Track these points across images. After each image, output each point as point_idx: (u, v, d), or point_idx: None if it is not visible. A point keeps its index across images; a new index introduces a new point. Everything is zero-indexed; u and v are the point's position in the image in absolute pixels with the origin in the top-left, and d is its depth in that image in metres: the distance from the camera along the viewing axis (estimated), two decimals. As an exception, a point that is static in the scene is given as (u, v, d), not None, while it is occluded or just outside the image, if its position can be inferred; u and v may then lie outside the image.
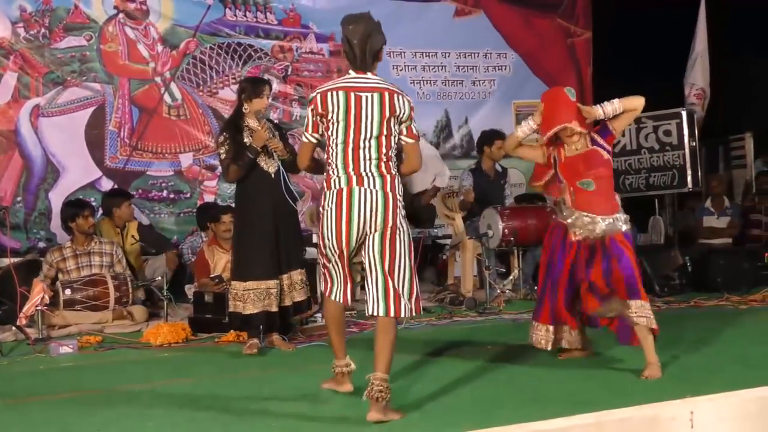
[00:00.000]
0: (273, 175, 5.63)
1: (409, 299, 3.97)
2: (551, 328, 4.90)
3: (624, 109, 4.82)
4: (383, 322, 3.95)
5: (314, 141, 4.14)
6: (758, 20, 10.37)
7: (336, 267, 4.12)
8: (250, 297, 5.58)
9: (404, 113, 4.03)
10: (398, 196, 4.02)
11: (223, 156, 5.68)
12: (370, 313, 3.99)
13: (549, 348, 4.92)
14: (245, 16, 9.51)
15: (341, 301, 4.18)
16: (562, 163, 4.87)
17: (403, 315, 3.96)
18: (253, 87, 5.70)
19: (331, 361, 4.59)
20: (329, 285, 4.19)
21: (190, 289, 7.83)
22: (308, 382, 4.70)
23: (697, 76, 10.47)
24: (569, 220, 4.79)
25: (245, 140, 5.61)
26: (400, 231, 3.99)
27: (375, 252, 3.97)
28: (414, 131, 4.10)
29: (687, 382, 4.35)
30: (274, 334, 5.82)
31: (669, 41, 10.43)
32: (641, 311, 4.59)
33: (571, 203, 4.79)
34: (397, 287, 3.94)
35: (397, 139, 4.06)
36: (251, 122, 5.66)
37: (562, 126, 4.74)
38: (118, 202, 7.92)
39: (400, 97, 4.04)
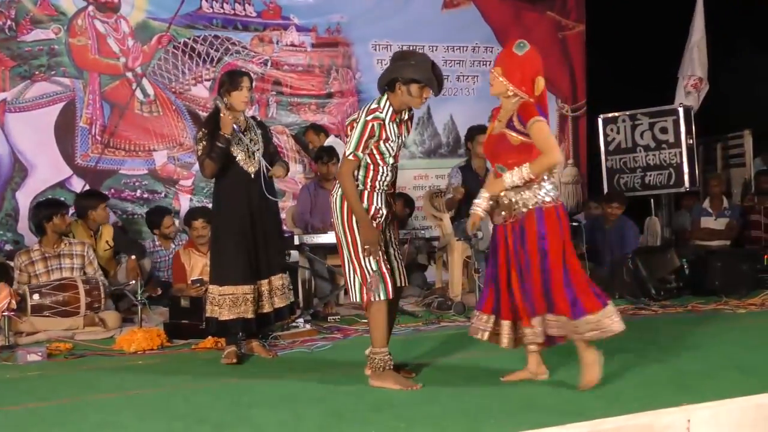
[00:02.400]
0: (252, 176, 5.61)
1: (355, 289, 4.79)
2: (491, 318, 4.68)
3: (532, 177, 4.44)
4: None
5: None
6: (757, 15, 10.45)
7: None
8: (226, 302, 5.55)
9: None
10: (338, 202, 4.77)
11: (200, 153, 5.63)
12: None
13: (484, 339, 4.72)
14: (222, 8, 9.52)
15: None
16: (485, 141, 4.76)
17: (354, 300, 4.89)
18: (231, 80, 5.62)
19: (310, 370, 4.71)
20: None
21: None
22: (289, 390, 4.71)
23: (695, 66, 10.53)
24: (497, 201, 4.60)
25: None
26: (340, 232, 4.79)
27: None
28: (345, 149, 4.78)
29: (684, 389, 4.38)
30: (254, 340, 5.82)
31: (665, 35, 10.49)
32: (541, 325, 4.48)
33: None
34: (347, 280, 4.84)
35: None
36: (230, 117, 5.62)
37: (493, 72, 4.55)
38: (95, 203, 7.88)
39: (356, 119, 4.77)
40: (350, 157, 4.72)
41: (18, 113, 8.65)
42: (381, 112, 4.73)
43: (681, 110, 9.71)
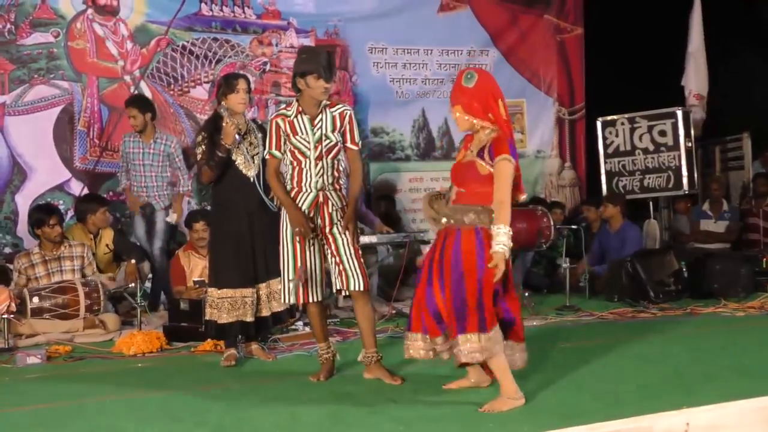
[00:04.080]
0: (252, 179, 5.60)
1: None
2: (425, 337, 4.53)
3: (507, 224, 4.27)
4: None
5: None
6: (755, 17, 10.46)
7: None
8: (225, 305, 5.57)
9: None
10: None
11: (198, 157, 5.62)
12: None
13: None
14: (222, 10, 9.52)
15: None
16: (453, 167, 4.67)
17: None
18: (226, 83, 5.63)
19: (308, 372, 4.77)
20: None
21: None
22: (288, 393, 4.72)
23: (690, 79, 10.54)
24: (445, 213, 4.56)
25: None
26: None
27: None
28: None
29: (683, 392, 4.39)
30: (254, 343, 5.83)
31: (664, 38, 10.51)
32: (467, 346, 4.25)
33: (451, 200, 4.57)
34: None
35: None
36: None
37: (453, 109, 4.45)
38: (94, 208, 7.86)
39: None
40: (266, 156, 5.12)
41: (17, 116, 8.64)
42: (288, 110, 5.01)
43: (680, 113, 9.72)
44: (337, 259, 4.96)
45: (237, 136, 5.53)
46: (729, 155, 11.33)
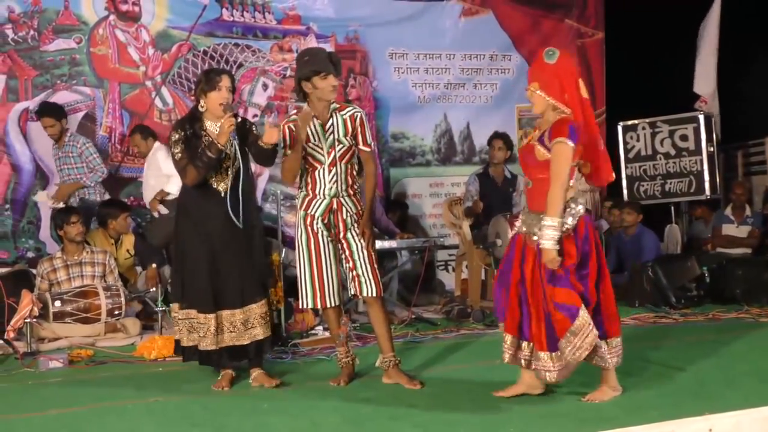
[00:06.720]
0: (222, 194, 5.00)
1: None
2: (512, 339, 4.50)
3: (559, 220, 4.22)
4: None
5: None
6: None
7: None
8: (185, 327, 5.09)
9: None
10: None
11: (179, 156, 4.94)
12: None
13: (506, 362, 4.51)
14: (243, 16, 9.55)
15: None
16: (519, 149, 4.59)
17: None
18: (207, 79, 4.99)
19: (328, 377, 4.96)
20: None
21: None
22: (307, 398, 4.71)
23: (699, 84, 10.43)
24: (521, 217, 4.47)
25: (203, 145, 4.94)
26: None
27: None
28: None
29: (706, 398, 4.34)
30: (256, 369, 5.16)
31: (685, 42, 10.44)
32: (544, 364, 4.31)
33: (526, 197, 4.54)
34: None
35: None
36: (209, 123, 5.01)
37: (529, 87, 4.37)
38: (115, 213, 7.88)
39: None
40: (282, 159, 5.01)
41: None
42: (298, 116, 4.91)
43: (701, 117, 9.67)
44: (351, 264, 4.96)
45: (235, 142, 4.98)
46: (751, 159, 11.23)
